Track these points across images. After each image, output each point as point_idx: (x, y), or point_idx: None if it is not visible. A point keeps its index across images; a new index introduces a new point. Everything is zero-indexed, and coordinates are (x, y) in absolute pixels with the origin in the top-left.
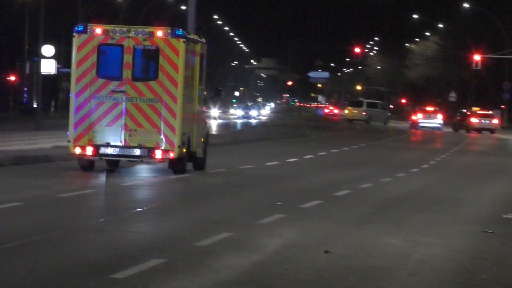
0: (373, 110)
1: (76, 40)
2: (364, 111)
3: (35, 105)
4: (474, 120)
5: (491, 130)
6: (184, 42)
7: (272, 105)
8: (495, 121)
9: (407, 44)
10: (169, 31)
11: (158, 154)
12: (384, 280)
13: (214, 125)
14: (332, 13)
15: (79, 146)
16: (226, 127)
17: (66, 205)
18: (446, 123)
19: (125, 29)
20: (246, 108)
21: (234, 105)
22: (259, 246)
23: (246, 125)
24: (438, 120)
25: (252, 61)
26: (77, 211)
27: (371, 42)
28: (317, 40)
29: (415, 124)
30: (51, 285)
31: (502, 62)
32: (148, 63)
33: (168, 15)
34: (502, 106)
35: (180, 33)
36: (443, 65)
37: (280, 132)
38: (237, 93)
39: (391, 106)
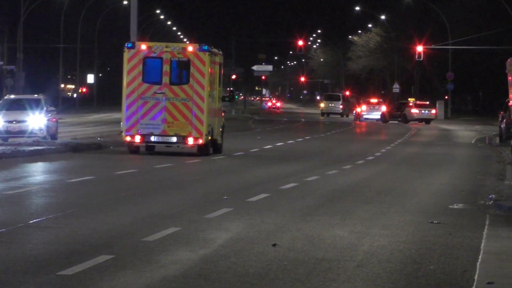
0: (345, 103)
1: (126, 54)
2: (341, 105)
3: None
4: (414, 110)
5: (428, 120)
6: (208, 55)
7: None
8: (433, 111)
9: (350, 36)
10: (197, 46)
11: (190, 140)
12: (332, 272)
13: None
14: (275, 6)
15: (130, 135)
16: None
17: (13, 202)
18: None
19: (164, 45)
20: None
21: None
22: (206, 240)
23: None
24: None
25: None
26: (24, 208)
27: (314, 35)
28: (260, 33)
29: (359, 116)
30: None
31: (445, 52)
32: (182, 71)
33: (110, 11)
34: (446, 97)
35: (206, 48)
36: (386, 56)
37: (226, 126)
38: None
39: None
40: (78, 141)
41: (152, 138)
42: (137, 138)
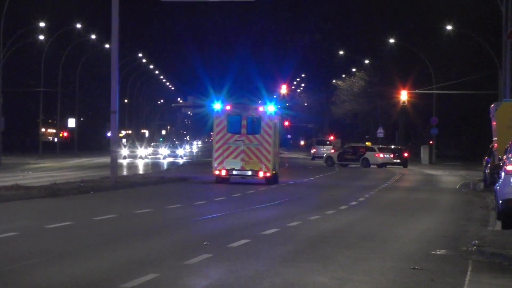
0: (336, 148)
1: (216, 112)
2: (333, 149)
3: None
4: (379, 155)
5: (388, 165)
6: (274, 113)
7: (200, 143)
8: (392, 155)
9: (333, 81)
10: (266, 107)
11: (261, 174)
12: None
13: (140, 164)
14: (258, 49)
15: (218, 170)
16: (154, 166)
17: None
18: None
19: (242, 106)
20: (173, 147)
21: (153, 143)
22: (185, 287)
23: (173, 164)
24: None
25: (179, 99)
26: (0, 254)
27: (298, 79)
28: (243, 77)
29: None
30: None
31: (429, 97)
32: (255, 125)
33: (91, 55)
34: (430, 142)
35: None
36: (370, 101)
37: (208, 171)
38: (164, 132)
39: None
40: (58, 185)
41: (234, 172)
42: (223, 172)
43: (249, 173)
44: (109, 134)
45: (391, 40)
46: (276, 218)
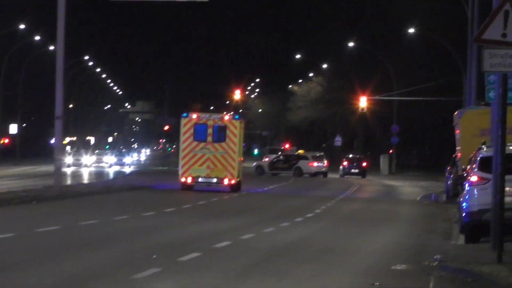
0: None
1: (182, 121)
2: None
3: None
4: (313, 164)
5: (325, 174)
6: (239, 122)
7: (148, 151)
8: (325, 163)
9: (290, 86)
10: (232, 116)
11: (226, 181)
12: None
13: (86, 173)
14: (210, 54)
15: (184, 177)
16: (99, 175)
17: None
18: (331, 168)
19: (208, 115)
20: (120, 155)
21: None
22: None
23: (119, 173)
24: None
25: (127, 104)
26: None
27: (252, 84)
28: (194, 82)
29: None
30: None
31: (390, 104)
32: (221, 133)
33: (36, 57)
34: (390, 151)
35: (238, 117)
36: (328, 107)
37: (158, 180)
38: (110, 139)
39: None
40: None
41: (200, 179)
42: (189, 179)
43: (215, 180)
44: (53, 141)
45: (351, 44)
46: (229, 230)
